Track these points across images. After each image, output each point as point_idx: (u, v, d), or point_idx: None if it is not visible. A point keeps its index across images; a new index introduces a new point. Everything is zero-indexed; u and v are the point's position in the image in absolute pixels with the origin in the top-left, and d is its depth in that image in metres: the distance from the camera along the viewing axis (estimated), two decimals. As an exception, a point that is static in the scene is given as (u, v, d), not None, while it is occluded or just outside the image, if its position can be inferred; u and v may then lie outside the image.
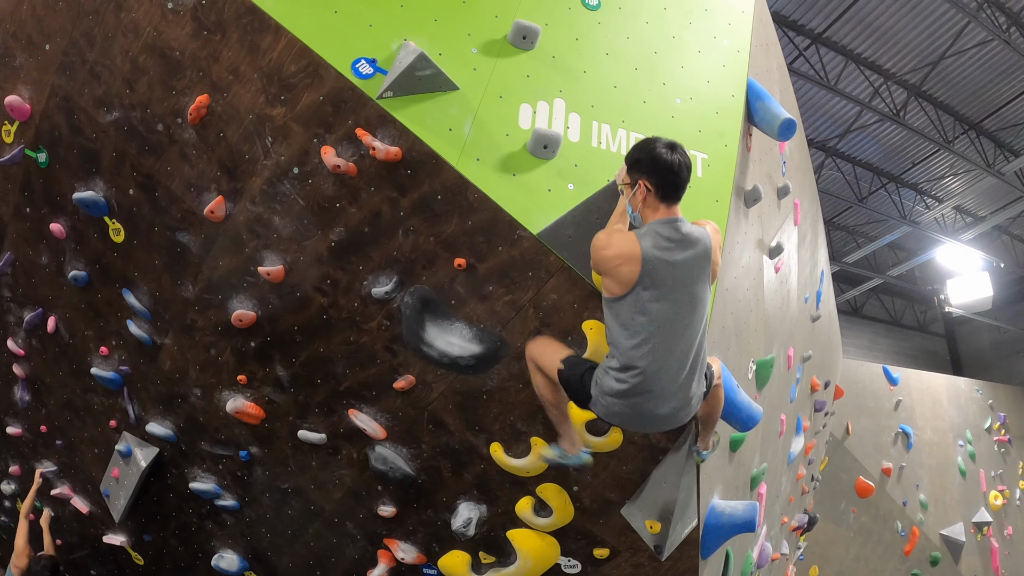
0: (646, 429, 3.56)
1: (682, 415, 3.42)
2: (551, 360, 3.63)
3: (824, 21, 14.61)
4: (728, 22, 4.90)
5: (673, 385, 3.30)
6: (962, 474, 14.84)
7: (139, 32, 4.09)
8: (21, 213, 5.15)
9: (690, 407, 3.43)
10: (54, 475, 6.58)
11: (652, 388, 3.27)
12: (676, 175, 3.30)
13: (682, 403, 3.37)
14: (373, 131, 3.74)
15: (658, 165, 3.29)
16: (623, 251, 3.24)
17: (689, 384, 3.36)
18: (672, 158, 3.28)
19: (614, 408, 3.35)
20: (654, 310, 3.23)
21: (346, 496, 4.97)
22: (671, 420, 3.41)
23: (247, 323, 4.42)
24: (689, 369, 3.33)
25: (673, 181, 3.30)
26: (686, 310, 3.27)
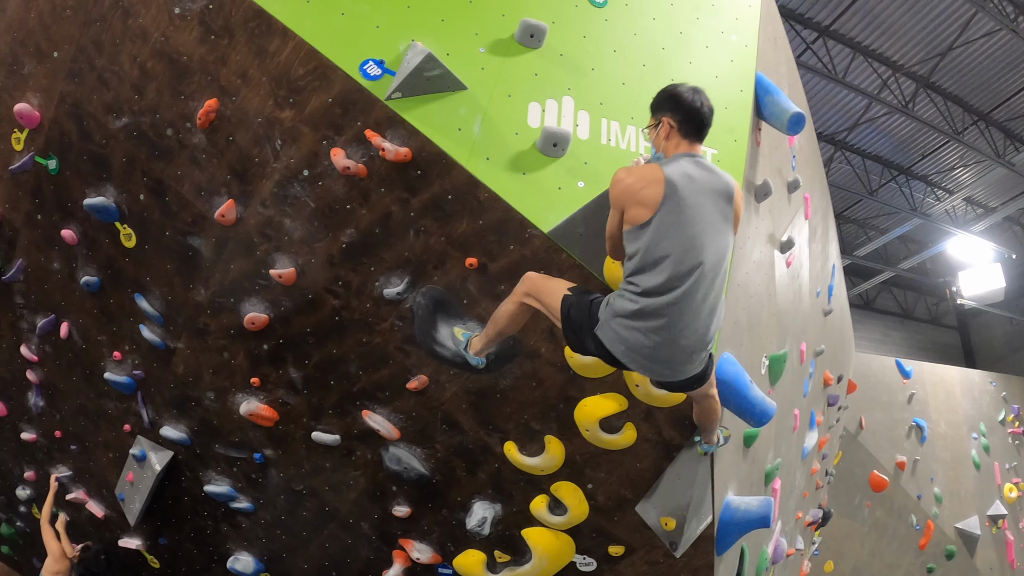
0: (651, 362, 3.29)
1: (693, 359, 3.31)
2: (556, 287, 3.49)
3: (831, 14, 14.54)
4: (735, 17, 4.88)
5: (692, 318, 3.21)
6: (976, 467, 14.76)
7: (147, 38, 4.10)
8: (32, 220, 5.18)
9: (700, 354, 3.33)
10: (69, 480, 6.61)
11: (668, 315, 3.18)
12: (698, 111, 3.40)
13: (696, 343, 3.27)
14: (382, 132, 3.74)
15: (681, 102, 3.40)
16: (645, 175, 3.26)
17: (707, 325, 3.28)
18: (694, 97, 3.40)
19: (622, 332, 3.23)
20: (678, 234, 3.20)
21: (361, 497, 4.98)
22: (681, 357, 3.28)
23: (259, 326, 4.44)
24: (709, 309, 3.26)
25: (695, 117, 3.40)
26: (709, 239, 3.23)
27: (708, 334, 3.31)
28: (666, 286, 3.16)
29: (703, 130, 3.44)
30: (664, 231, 3.19)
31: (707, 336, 3.31)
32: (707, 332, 3.30)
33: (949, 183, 20.74)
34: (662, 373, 3.37)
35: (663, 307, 3.17)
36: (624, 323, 3.23)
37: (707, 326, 3.28)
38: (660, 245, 3.19)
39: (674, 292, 3.17)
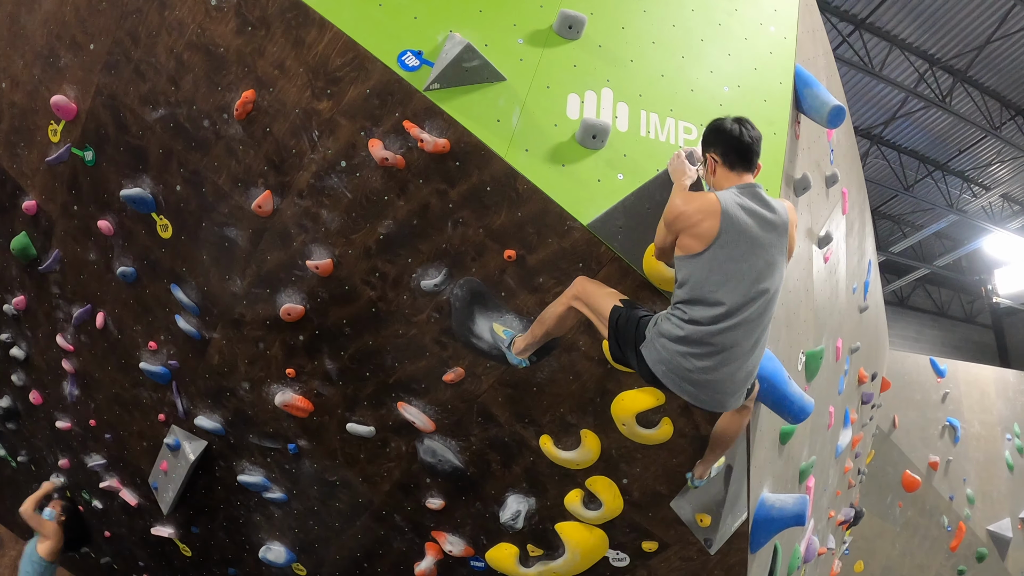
0: (694, 387, 3.23)
1: (737, 391, 3.27)
2: (607, 295, 3.48)
3: (868, 6, 14.36)
4: (774, 8, 4.81)
5: (740, 352, 3.18)
6: (1010, 468, 14.53)
7: (183, 30, 4.12)
8: (69, 211, 5.23)
9: (744, 386, 3.29)
10: (102, 468, 6.68)
11: (716, 345, 3.14)
12: (738, 139, 3.32)
13: (742, 376, 3.23)
14: (421, 123, 3.72)
15: (721, 133, 3.36)
16: (703, 206, 3.19)
17: (755, 358, 3.25)
18: (734, 126, 3.34)
19: (666, 354, 3.19)
20: (731, 269, 3.16)
21: (394, 489, 4.98)
22: (726, 388, 3.22)
23: (295, 317, 4.44)
24: (757, 342, 3.23)
25: (737, 147, 3.33)
26: (764, 275, 3.20)
27: (754, 367, 3.30)
28: (716, 319, 3.13)
29: (749, 158, 3.35)
30: (717, 265, 3.16)
31: (753, 370, 3.30)
32: (754, 365, 3.28)
33: (986, 179, 20.44)
34: (703, 401, 3.30)
35: (711, 336, 3.14)
36: (669, 346, 3.20)
37: (755, 359, 3.27)
38: (711, 279, 3.15)
39: (723, 324, 3.13)
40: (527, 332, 3.84)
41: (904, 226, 22.64)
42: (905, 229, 22.49)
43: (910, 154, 19.26)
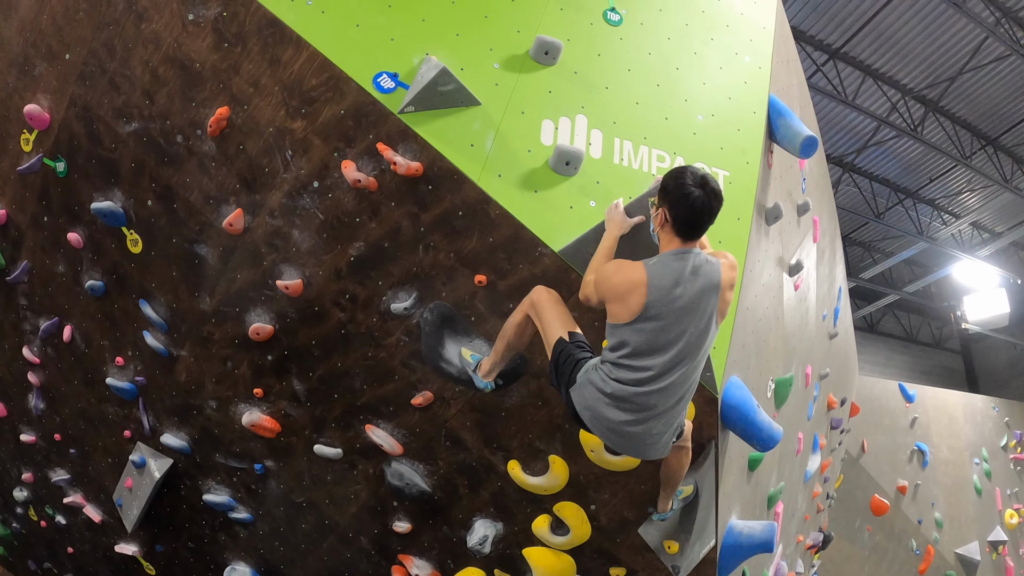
0: (617, 436, 3.25)
1: (659, 443, 3.27)
2: (557, 323, 3.44)
3: (842, 36, 14.57)
4: (750, 38, 4.87)
5: (664, 411, 3.19)
6: (978, 492, 14.68)
7: (159, 43, 4.10)
8: (39, 222, 5.16)
9: (666, 438, 3.29)
10: (67, 483, 6.58)
11: (640, 403, 3.15)
12: (695, 213, 3.16)
13: (664, 430, 3.24)
14: (394, 146, 3.72)
15: (679, 199, 3.16)
16: (631, 279, 3.16)
17: (679, 413, 3.26)
18: (695, 195, 3.14)
19: (590, 402, 3.21)
20: (659, 340, 3.14)
21: (361, 511, 4.94)
22: (647, 441, 3.24)
23: (264, 336, 4.41)
24: (680, 399, 3.24)
25: (690, 219, 3.18)
26: (692, 342, 3.18)
27: (679, 420, 3.30)
28: (641, 382, 3.14)
29: (698, 229, 3.22)
30: (644, 336, 3.15)
31: (677, 423, 3.30)
32: (678, 420, 3.29)
33: (956, 207, 20.75)
34: (626, 450, 3.33)
35: (634, 396, 3.15)
36: (595, 395, 3.20)
37: (679, 414, 3.28)
38: (638, 348, 3.15)
39: (647, 387, 3.14)
40: (491, 351, 3.83)
41: (875, 252, 22.90)
42: (876, 256, 22.74)
43: (882, 182, 19.51)
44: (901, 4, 13.77)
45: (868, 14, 14.00)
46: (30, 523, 7.52)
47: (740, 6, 4.96)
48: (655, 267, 3.18)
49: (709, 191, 3.15)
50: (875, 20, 14.12)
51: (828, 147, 17.48)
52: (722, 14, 4.85)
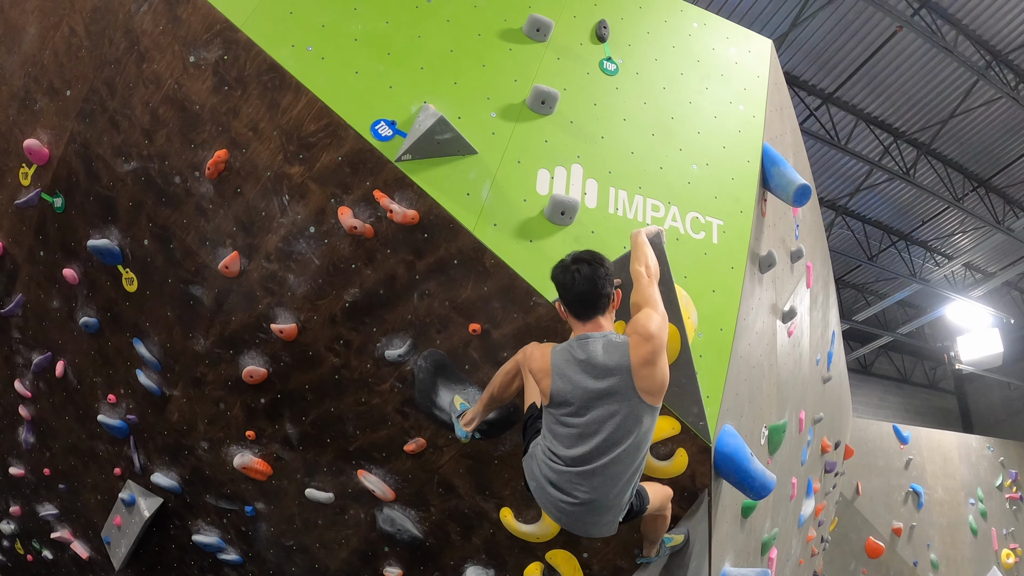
0: (558, 512, 3.22)
1: (600, 523, 3.20)
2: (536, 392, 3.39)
3: (835, 81, 14.74)
4: (744, 87, 4.93)
5: (597, 493, 3.10)
6: (973, 533, 14.62)
7: (160, 84, 4.13)
8: (35, 256, 5.17)
9: (610, 518, 3.20)
10: (55, 518, 6.52)
11: (575, 484, 3.10)
12: (570, 294, 3.18)
13: (606, 512, 3.16)
14: (391, 193, 3.74)
15: (557, 285, 3.22)
16: (541, 365, 3.17)
17: (620, 495, 3.16)
18: (564, 278, 3.18)
19: (537, 474, 3.20)
20: (576, 424, 3.10)
21: (352, 556, 4.90)
22: (589, 519, 3.18)
23: (258, 379, 4.40)
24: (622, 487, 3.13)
25: (570, 300, 3.19)
26: (615, 429, 3.06)
27: (621, 502, 3.19)
28: (574, 463, 3.09)
29: (583, 308, 3.19)
30: (561, 420, 3.13)
31: (620, 505, 3.19)
32: (621, 501, 3.18)
33: (948, 249, 20.86)
34: (569, 527, 3.27)
35: (571, 478, 3.11)
36: (539, 469, 3.19)
37: (620, 496, 3.16)
38: (559, 433, 3.13)
39: (581, 469, 3.08)
40: (475, 406, 3.79)
41: (868, 295, 22.96)
42: (869, 298, 22.80)
43: (874, 224, 19.63)
44: (893, 49, 13.95)
45: (860, 59, 14.18)
46: (16, 556, 7.44)
47: (734, 55, 5.03)
48: (558, 354, 3.16)
49: (576, 269, 3.16)
50: (867, 65, 14.30)
51: (821, 191, 17.60)
52: (717, 63, 4.92)
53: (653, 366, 3.05)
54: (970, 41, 13.74)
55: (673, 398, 3.74)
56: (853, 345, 24.46)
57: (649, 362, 3.05)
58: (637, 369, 3.05)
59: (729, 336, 3.99)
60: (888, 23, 13.14)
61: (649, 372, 3.05)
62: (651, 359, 3.05)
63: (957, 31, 13.52)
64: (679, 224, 4.15)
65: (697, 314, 3.90)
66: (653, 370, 3.06)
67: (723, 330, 3.99)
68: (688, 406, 3.75)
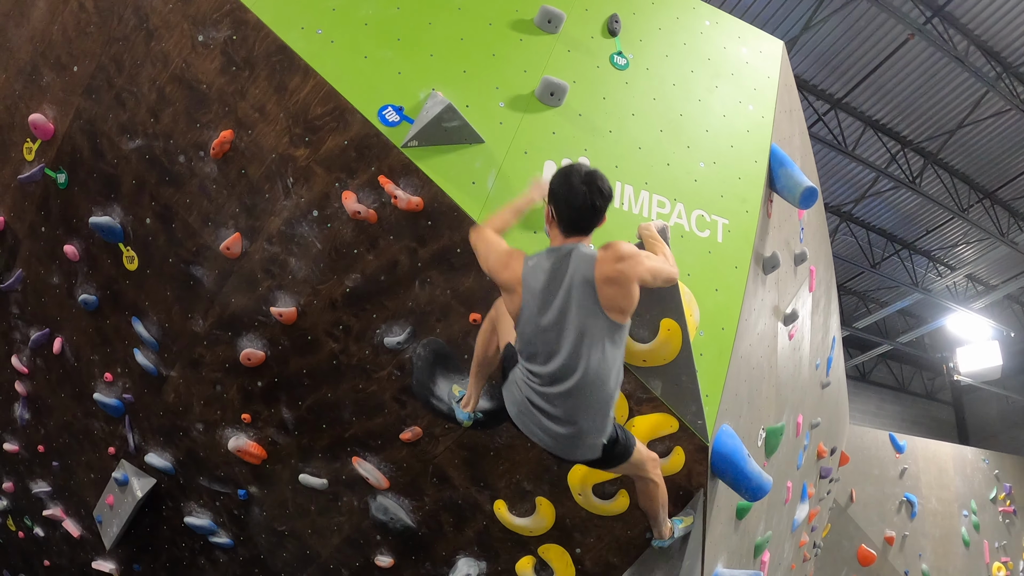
0: (541, 431, 3.22)
1: (581, 444, 3.20)
2: (509, 332, 3.43)
3: (844, 87, 14.69)
4: (754, 87, 4.91)
5: (576, 410, 3.12)
6: (966, 544, 14.60)
7: (168, 62, 4.11)
8: (36, 232, 5.15)
9: (590, 441, 3.19)
10: (47, 496, 6.51)
11: (552, 401, 3.13)
12: (576, 211, 3.11)
13: (587, 430, 3.15)
14: (396, 179, 3.72)
15: (562, 196, 3.12)
16: (514, 276, 3.16)
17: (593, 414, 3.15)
18: (576, 190, 3.08)
19: (516, 398, 3.24)
20: (546, 340, 3.11)
21: (344, 543, 4.88)
22: (561, 440, 3.19)
23: (256, 362, 4.38)
24: (600, 403, 3.13)
25: (571, 216, 3.12)
26: (578, 344, 3.06)
27: (603, 423, 3.18)
28: (548, 382, 3.12)
29: (578, 226, 3.14)
30: (529, 338, 3.16)
31: (602, 426, 3.19)
32: (600, 421, 3.17)
33: (951, 259, 20.82)
34: (553, 449, 3.27)
35: (547, 397, 3.14)
36: (519, 393, 3.22)
37: (598, 415, 3.16)
38: (530, 349, 3.17)
39: (554, 388, 3.11)
40: (469, 390, 3.79)
41: (869, 302, 22.93)
42: (870, 305, 22.77)
43: (879, 232, 19.58)
44: (904, 57, 13.90)
45: (871, 66, 14.13)
46: (7, 533, 7.44)
47: (746, 55, 5.00)
48: (530, 269, 3.15)
49: (593, 188, 3.08)
50: (878, 72, 14.25)
51: (827, 196, 17.56)
52: (727, 62, 4.89)
53: (618, 286, 3.05)
54: (981, 52, 13.70)
55: (672, 395, 3.73)
56: (852, 352, 24.44)
57: (614, 281, 3.04)
58: (601, 285, 3.04)
59: (730, 336, 3.98)
60: (900, 30, 13.10)
61: (614, 292, 3.05)
62: (617, 279, 3.04)
63: (968, 41, 13.47)
64: (684, 221, 4.13)
65: (699, 312, 3.88)
66: (618, 290, 3.05)
67: (724, 329, 3.98)
68: (687, 404, 3.73)
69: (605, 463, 3.36)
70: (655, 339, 3.67)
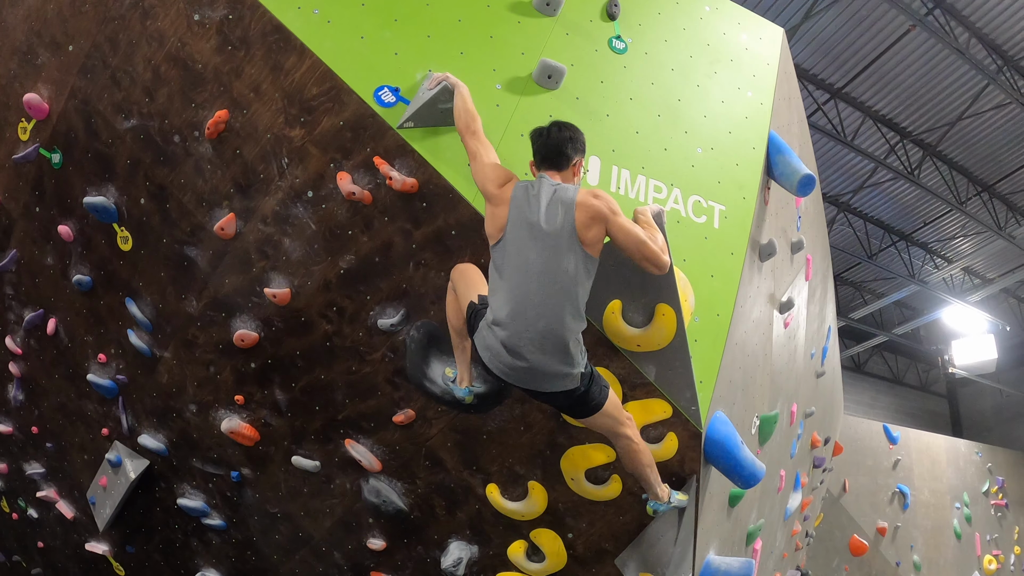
0: (505, 373, 3.37)
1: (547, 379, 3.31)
2: (471, 286, 3.58)
3: (844, 76, 14.64)
4: (753, 74, 4.88)
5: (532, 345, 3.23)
6: (957, 537, 14.67)
7: (163, 41, 4.07)
8: (30, 212, 5.12)
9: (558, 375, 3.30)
10: (41, 477, 6.50)
11: (516, 337, 3.24)
12: (536, 144, 3.47)
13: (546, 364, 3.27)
14: (391, 160, 3.70)
15: (532, 134, 3.51)
16: (503, 193, 3.36)
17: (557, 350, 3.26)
18: (536, 134, 3.50)
19: (487, 341, 3.34)
20: (517, 261, 3.26)
21: (336, 526, 4.89)
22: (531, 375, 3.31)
23: (249, 344, 4.37)
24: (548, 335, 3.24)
25: (539, 148, 3.46)
26: (549, 269, 3.23)
27: (571, 355, 3.30)
28: (512, 316, 3.23)
29: (548, 158, 3.45)
30: (507, 255, 3.30)
31: (571, 358, 3.30)
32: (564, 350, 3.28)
33: (949, 252, 20.82)
34: (524, 383, 3.38)
35: (513, 334, 3.24)
36: (488, 335, 3.32)
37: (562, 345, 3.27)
38: (504, 271, 3.29)
39: (518, 322, 3.23)
40: (457, 364, 3.86)
41: (865, 293, 22.93)
42: (866, 296, 22.77)
43: (876, 223, 19.56)
44: (905, 48, 13.86)
45: (871, 56, 14.08)
46: (1, 515, 7.43)
47: (745, 41, 4.97)
48: (519, 188, 3.36)
49: (557, 127, 3.48)
50: (878, 62, 14.20)
51: (824, 186, 17.54)
52: (727, 48, 4.86)
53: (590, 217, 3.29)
54: (982, 44, 13.65)
55: (666, 381, 3.73)
56: (847, 343, 24.48)
57: (595, 216, 3.29)
58: (580, 210, 3.28)
59: (725, 322, 3.97)
60: (901, 21, 13.05)
61: (590, 234, 3.29)
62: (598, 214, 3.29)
63: (970, 34, 13.43)
64: (681, 207, 4.12)
65: (695, 298, 3.87)
66: (591, 232, 3.30)
67: (720, 316, 3.97)
68: (681, 390, 3.73)
69: (584, 402, 3.44)
70: (650, 324, 3.67)
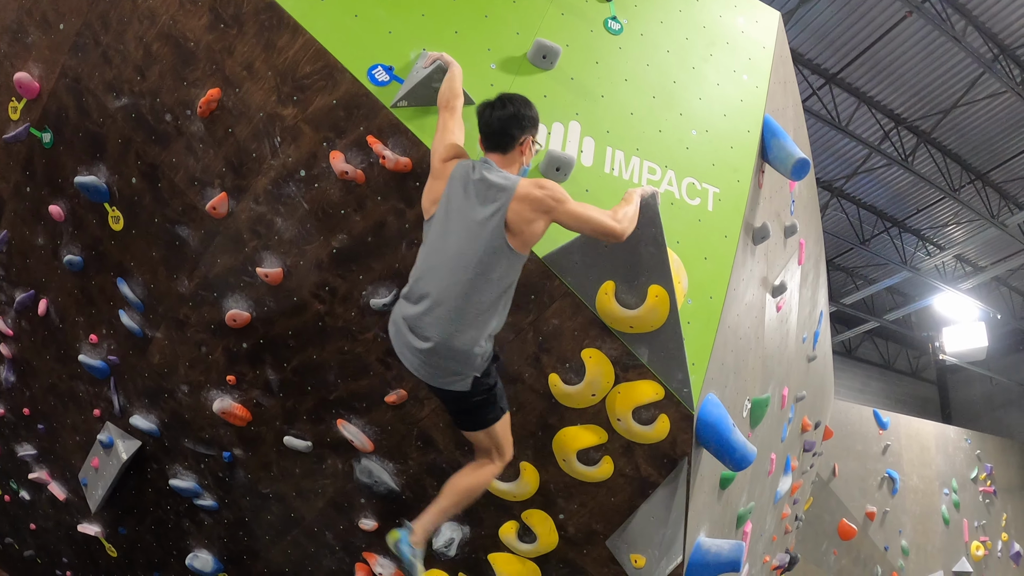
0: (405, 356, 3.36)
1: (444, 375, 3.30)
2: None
3: (840, 62, 14.64)
4: (749, 57, 4.87)
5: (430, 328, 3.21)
6: (945, 523, 14.77)
7: (155, 19, 4.03)
8: (21, 192, 5.09)
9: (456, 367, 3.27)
10: (32, 459, 6.49)
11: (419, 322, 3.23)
12: (480, 123, 3.43)
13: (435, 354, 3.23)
14: (384, 139, 3.68)
15: (478, 112, 3.46)
16: (444, 170, 3.35)
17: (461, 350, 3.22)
18: (481, 110, 3.43)
19: (394, 317, 3.38)
20: (436, 242, 3.28)
21: (328, 506, 4.89)
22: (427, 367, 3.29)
23: (241, 323, 4.36)
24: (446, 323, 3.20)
25: (481, 128, 3.43)
26: (468, 257, 3.19)
27: (470, 351, 3.24)
28: (420, 299, 3.26)
29: (488, 139, 3.41)
30: (430, 233, 3.32)
31: (469, 354, 3.24)
32: (468, 349, 3.23)
33: (941, 239, 20.90)
34: (420, 374, 3.36)
35: (417, 316, 3.25)
36: (396, 313, 3.36)
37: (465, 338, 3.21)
38: (424, 249, 3.33)
39: (423, 305, 3.23)
40: None
41: (857, 279, 23.02)
42: (858, 282, 22.86)
43: (869, 209, 19.62)
44: (901, 34, 13.86)
45: (867, 42, 14.08)
46: (-5, 495, 7.43)
47: (741, 24, 4.96)
48: (460, 167, 3.33)
49: (498, 106, 3.39)
50: (874, 48, 14.20)
51: (818, 171, 17.56)
52: (723, 31, 4.85)
53: (530, 209, 3.22)
54: (979, 32, 13.66)
55: (658, 363, 3.73)
56: (839, 328, 24.59)
57: (537, 205, 3.23)
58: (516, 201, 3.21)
59: (718, 305, 3.97)
60: (897, 7, 13.04)
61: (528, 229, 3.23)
62: (541, 204, 3.23)
63: (967, 21, 13.43)
64: (674, 189, 4.11)
65: (688, 280, 3.87)
66: (531, 226, 3.24)
67: (712, 298, 3.97)
68: (673, 372, 3.73)
69: (472, 414, 3.48)
70: (642, 305, 3.66)
